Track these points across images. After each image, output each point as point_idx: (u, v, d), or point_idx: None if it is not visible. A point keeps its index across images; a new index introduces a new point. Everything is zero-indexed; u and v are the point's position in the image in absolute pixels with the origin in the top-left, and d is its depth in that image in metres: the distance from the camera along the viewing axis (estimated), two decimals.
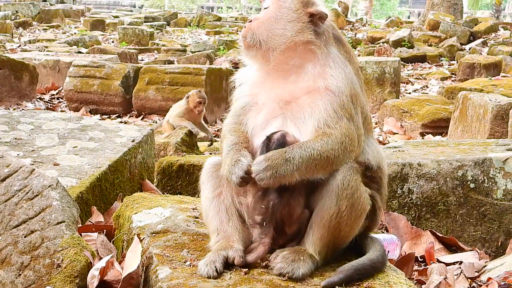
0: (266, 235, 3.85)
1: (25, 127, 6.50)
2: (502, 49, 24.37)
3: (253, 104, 4.13)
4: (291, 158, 3.74)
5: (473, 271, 4.98)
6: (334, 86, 3.96)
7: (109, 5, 74.78)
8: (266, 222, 3.83)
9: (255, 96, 4.15)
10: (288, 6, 4.10)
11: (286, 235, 3.89)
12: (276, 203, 3.82)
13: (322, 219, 3.81)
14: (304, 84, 4.00)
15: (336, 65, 4.07)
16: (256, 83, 4.18)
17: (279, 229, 3.85)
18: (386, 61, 16.27)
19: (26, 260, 4.01)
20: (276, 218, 3.82)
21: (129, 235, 4.45)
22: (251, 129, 4.09)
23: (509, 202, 5.87)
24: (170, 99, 13.92)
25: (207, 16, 43.62)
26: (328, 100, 3.93)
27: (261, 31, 4.04)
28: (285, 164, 3.73)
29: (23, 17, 36.93)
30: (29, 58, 16.75)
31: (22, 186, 4.29)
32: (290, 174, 3.73)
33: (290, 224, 3.88)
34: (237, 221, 4.02)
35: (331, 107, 3.91)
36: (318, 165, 3.78)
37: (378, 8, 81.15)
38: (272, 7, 4.09)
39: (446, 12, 35.97)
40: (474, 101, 11.18)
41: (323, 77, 3.99)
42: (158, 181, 6.73)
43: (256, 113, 4.10)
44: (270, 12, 4.09)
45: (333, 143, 3.82)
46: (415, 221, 5.93)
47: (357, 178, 3.85)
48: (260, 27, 4.05)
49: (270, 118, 4.03)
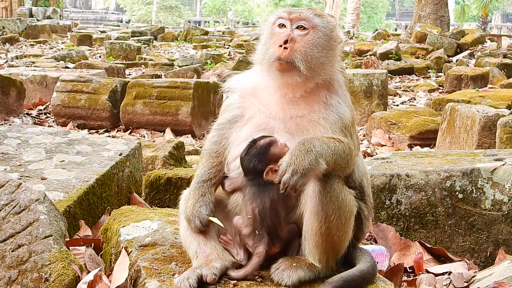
0: (260, 244, 3.84)
1: (12, 141, 6.48)
2: (489, 60, 24.48)
3: (240, 118, 4.13)
4: (312, 147, 3.72)
5: (462, 282, 4.99)
6: (341, 113, 4.02)
7: (96, 20, 74.94)
8: (258, 229, 3.83)
9: (244, 109, 4.14)
10: (329, 34, 4.10)
11: (280, 238, 3.88)
12: (261, 209, 3.82)
13: (312, 227, 3.81)
14: (314, 107, 4.01)
15: (342, 92, 4.14)
16: (251, 95, 4.17)
17: (272, 233, 3.85)
18: (373, 73, 16.29)
19: (14, 274, 4.00)
20: (267, 222, 3.82)
21: (117, 249, 4.44)
22: (232, 142, 4.09)
23: (497, 212, 5.87)
24: (158, 113, 13.97)
25: (194, 31, 43.63)
26: (335, 121, 3.98)
27: (306, 57, 3.98)
28: (308, 155, 3.68)
29: (10, 33, 36.81)
30: (16, 73, 16.70)
31: (9, 200, 4.28)
32: (315, 163, 3.68)
33: (280, 226, 3.87)
34: (216, 241, 4.02)
35: (337, 127, 3.97)
36: (338, 159, 3.82)
37: (365, 21, 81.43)
38: (312, 32, 4.05)
39: (433, 24, 36.13)
40: (462, 113, 11.21)
41: (332, 104, 4.03)
42: (146, 195, 6.72)
43: (242, 126, 4.11)
44: (312, 37, 4.04)
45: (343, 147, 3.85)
46: (404, 232, 5.93)
47: (339, 181, 3.86)
48: (306, 53, 3.99)
49: (260, 129, 4.03)
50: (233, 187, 4.06)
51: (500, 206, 5.87)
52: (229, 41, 38.82)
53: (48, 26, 40.27)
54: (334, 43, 4.14)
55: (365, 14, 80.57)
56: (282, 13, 4.11)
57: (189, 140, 13.24)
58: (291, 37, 4.00)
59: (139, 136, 13.48)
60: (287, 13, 4.08)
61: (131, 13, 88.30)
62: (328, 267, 3.93)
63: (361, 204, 4.13)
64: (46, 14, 50.46)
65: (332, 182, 3.81)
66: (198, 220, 3.92)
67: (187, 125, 13.86)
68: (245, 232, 3.87)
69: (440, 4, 37.99)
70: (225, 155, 4.11)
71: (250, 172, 3.91)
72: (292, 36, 4.01)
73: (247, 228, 3.86)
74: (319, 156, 3.70)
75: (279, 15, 4.12)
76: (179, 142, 9.32)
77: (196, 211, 3.95)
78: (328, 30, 4.10)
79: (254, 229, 3.83)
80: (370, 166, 6.27)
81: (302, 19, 4.05)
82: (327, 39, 4.08)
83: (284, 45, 3.97)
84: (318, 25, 4.07)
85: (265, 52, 4.08)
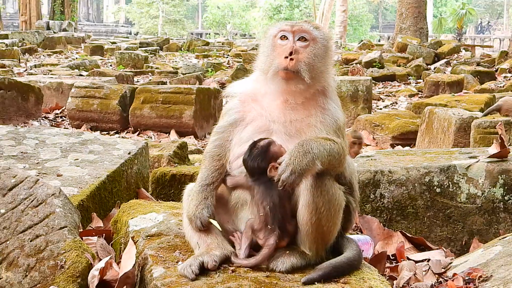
0: (271, 237, 3.82)
1: (31, 142, 6.46)
2: (464, 68, 24.57)
3: (241, 121, 4.12)
4: (310, 149, 3.70)
5: (440, 268, 4.98)
6: (336, 117, 4.02)
7: (107, 32, 74.88)
8: (269, 224, 3.81)
9: (245, 112, 4.13)
10: (326, 44, 4.09)
11: (288, 232, 3.87)
12: (271, 205, 3.81)
13: (304, 217, 3.80)
14: (311, 111, 4.01)
15: (334, 97, 4.14)
16: (251, 100, 4.15)
17: (282, 227, 3.84)
18: (359, 80, 16.35)
19: (32, 262, 3.98)
20: (278, 217, 3.82)
21: (126, 238, 4.42)
22: (235, 143, 4.08)
23: (471, 205, 5.87)
24: (163, 116, 14.01)
25: (196, 41, 43.63)
26: (331, 124, 3.98)
27: (309, 67, 3.96)
28: (306, 156, 3.66)
29: (29, 44, 36.85)
30: (35, 80, 16.70)
31: (28, 195, 4.27)
32: (312, 164, 3.67)
33: (289, 221, 3.86)
34: (216, 233, 3.99)
35: (332, 130, 3.96)
36: (332, 159, 3.81)
37: (351, 33, 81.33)
38: (313, 44, 4.03)
39: (413, 35, 36.18)
40: (439, 115, 11.22)
41: (328, 109, 4.03)
42: (153, 190, 6.71)
43: (242, 130, 4.09)
44: (313, 48, 4.02)
45: (338, 148, 3.84)
46: (387, 223, 5.92)
47: (330, 178, 3.85)
48: (309, 63, 3.97)
49: (260, 131, 4.02)
50: (235, 184, 4.04)
51: (474, 199, 5.87)
52: (228, 51, 38.82)
53: (64, 38, 40.32)
54: (330, 53, 4.14)
55: (351, 26, 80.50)
56: (284, 26, 4.08)
57: (191, 140, 13.25)
58: (295, 48, 3.98)
59: (147, 137, 13.48)
60: (290, 26, 4.06)
61: (139, 26, 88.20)
62: (318, 255, 3.92)
63: (350, 198, 4.12)
64: (62, 27, 50.51)
65: (324, 178, 3.80)
66: (199, 221, 3.91)
67: (190, 127, 13.87)
68: (257, 227, 3.86)
69: (420, 17, 38.02)
70: (227, 157, 4.09)
71: (255, 171, 3.89)
72: (295, 47, 3.99)
73: (259, 225, 3.84)
74: (316, 158, 3.68)
75: (281, 28, 4.09)
76: (182, 142, 9.30)
77: (198, 212, 3.93)
78: (325, 41, 4.09)
79: (266, 224, 3.82)
80: (356, 163, 6.26)
81: (304, 31, 4.03)
82: (324, 49, 4.07)
83: (290, 56, 3.96)
84: (317, 37, 4.06)
85: (270, 63, 4.04)
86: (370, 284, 3.74)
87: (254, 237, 3.89)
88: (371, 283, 3.76)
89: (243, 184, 3.98)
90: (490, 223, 5.88)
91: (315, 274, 3.72)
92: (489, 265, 4.58)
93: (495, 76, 23.50)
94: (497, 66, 26.47)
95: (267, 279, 3.65)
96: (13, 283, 3.93)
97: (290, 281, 3.67)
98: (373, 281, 3.81)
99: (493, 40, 68.82)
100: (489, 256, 4.76)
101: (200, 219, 3.92)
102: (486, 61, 29.01)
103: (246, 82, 4.29)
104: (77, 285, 3.91)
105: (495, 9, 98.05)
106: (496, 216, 5.87)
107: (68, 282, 3.90)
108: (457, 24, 52.83)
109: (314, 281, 3.68)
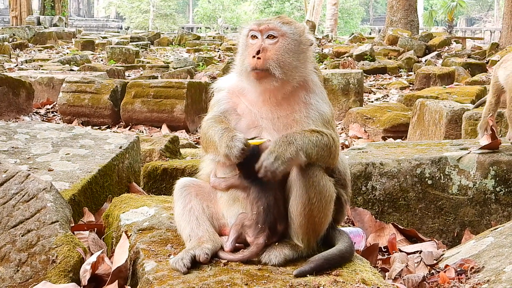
0: (261, 236, 3.82)
1: (21, 136, 6.45)
2: (455, 60, 24.55)
3: (233, 111, 4.11)
4: (294, 140, 3.71)
5: (432, 259, 4.99)
6: (321, 110, 4.02)
7: (98, 27, 74.61)
8: (260, 223, 3.81)
9: (234, 104, 4.13)
10: (298, 38, 4.07)
11: (277, 232, 3.87)
12: (266, 206, 3.81)
13: (297, 208, 3.80)
14: (295, 107, 4.01)
15: (319, 90, 4.13)
16: (239, 93, 4.15)
17: (273, 227, 3.83)
18: (350, 73, 16.31)
19: (24, 257, 3.97)
20: (270, 218, 3.81)
21: (118, 233, 4.43)
22: None
23: (463, 197, 5.89)
24: (155, 111, 14.01)
25: (187, 36, 43.52)
26: (316, 118, 3.98)
27: (278, 64, 3.95)
28: (289, 147, 3.68)
29: (19, 40, 36.71)
30: (26, 76, 16.64)
31: (19, 189, 4.25)
32: (295, 154, 3.68)
33: (280, 222, 3.87)
34: (208, 226, 3.98)
35: (319, 123, 3.96)
36: (320, 150, 3.81)
37: (342, 26, 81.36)
38: (282, 40, 4.02)
39: (404, 28, 36.18)
40: (430, 107, 11.23)
41: (311, 103, 4.03)
42: (144, 184, 6.70)
43: (237, 120, 4.09)
44: (282, 44, 4.01)
45: (327, 139, 3.85)
46: (379, 215, 5.94)
47: (321, 170, 3.85)
48: (278, 60, 3.96)
49: (251, 127, 4.02)
50: (229, 186, 4.01)
51: (465, 191, 5.89)
52: (219, 45, 38.72)
53: (55, 33, 40.25)
54: (304, 47, 4.11)
55: (342, 19, 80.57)
56: (252, 25, 4.09)
57: (183, 134, 13.23)
58: (262, 47, 3.97)
59: (138, 132, 13.47)
60: (256, 25, 4.06)
61: (130, 20, 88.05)
62: (310, 247, 3.92)
63: (342, 191, 4.13)
64: (53, 22, 50.39)
65: (314, 169, 3.80)
66: (240, 143, 3.72)
67: (182, 121, 13.85)
68: (248, 224, 3.85)
69: (410, 10, 38.04)
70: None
71: (249, 173, 3.87)
72: (263, 46, 3.98)
73: (250, 221, 3.84)
74: (300, 149, 3.69)
75: (250, 27, 4.10)
76: (174, 136, 9.29)
77: (232, 136, 3.77)
78: (297, 35, 4.08)
79: (257, 223, 3.81)
80: (348, 156, 6.27)
81: (271, 29, 4.02)
82: (296, 44, 4.06)
83: (257, 56, 3.95)
84: (287, 32, 4.04)
85: (242, 63, 4.06)
86: (362, 276, 3.75)
87: (243, 232, 3.89)
88: (363, 275, 3.76)
89: (239, 186, 3.97)
90: (482, 214, 5.90)
91: (307, 266, 3.73)
92: (481, 256, 4.59)
93: (486, 68, 23.49)
94: (488, 58, 26.50)
95: (259, 272, 3.65)
96: (4, 278, 3.93)
97: (282, 274, 3.67)
98: (365, 273, 3.81)
99: (484, 32, 68.88)
100: (481, 248, 4.77)
101: (239, 141, 3.73)
102: (477, 53, 29.03)
103: (232, 78, 4.29)
104: (69, 279, 3.90)
105: (485, 1, 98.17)
106: (488, 207, 5.89)
107: (60, 276, 3.89)
108: (448, 16, 52.74)
109: (306, 273, 3.68)
